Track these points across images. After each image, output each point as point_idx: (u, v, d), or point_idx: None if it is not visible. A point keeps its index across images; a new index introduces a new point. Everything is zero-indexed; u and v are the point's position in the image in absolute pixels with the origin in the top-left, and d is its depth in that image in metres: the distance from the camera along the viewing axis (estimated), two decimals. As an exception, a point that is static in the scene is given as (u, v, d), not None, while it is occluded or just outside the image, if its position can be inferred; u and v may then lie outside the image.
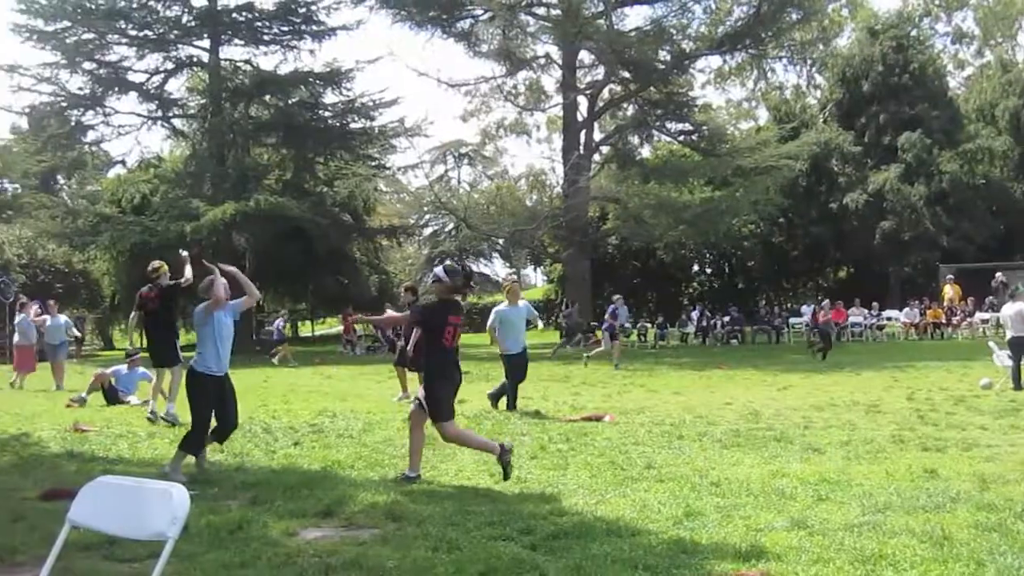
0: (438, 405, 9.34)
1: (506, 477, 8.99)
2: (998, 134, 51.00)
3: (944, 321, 37.64)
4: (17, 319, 23.54)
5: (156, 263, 15.32)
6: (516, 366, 15.53)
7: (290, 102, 44.04)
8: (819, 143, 47.23)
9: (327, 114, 44.76)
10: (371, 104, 43.70)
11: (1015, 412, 13.53)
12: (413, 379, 15.07)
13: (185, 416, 11.68)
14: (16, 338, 23.29)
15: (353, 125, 44.75)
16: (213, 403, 9.81)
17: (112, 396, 17.87)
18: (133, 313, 16.06)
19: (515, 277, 15.79)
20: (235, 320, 10.24)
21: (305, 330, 66.77)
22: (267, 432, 13.02)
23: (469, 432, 9.92)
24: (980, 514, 7.21)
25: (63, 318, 23.91)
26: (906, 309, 40.00)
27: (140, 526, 3.67)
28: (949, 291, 38.27)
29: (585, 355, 26.90)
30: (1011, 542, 6.36)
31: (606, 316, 27.17)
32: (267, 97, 44.18)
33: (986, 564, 5.83)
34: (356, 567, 6.12)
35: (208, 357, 9.84)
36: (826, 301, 31.74)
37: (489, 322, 16.02)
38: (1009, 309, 17.84)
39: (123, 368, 18.69)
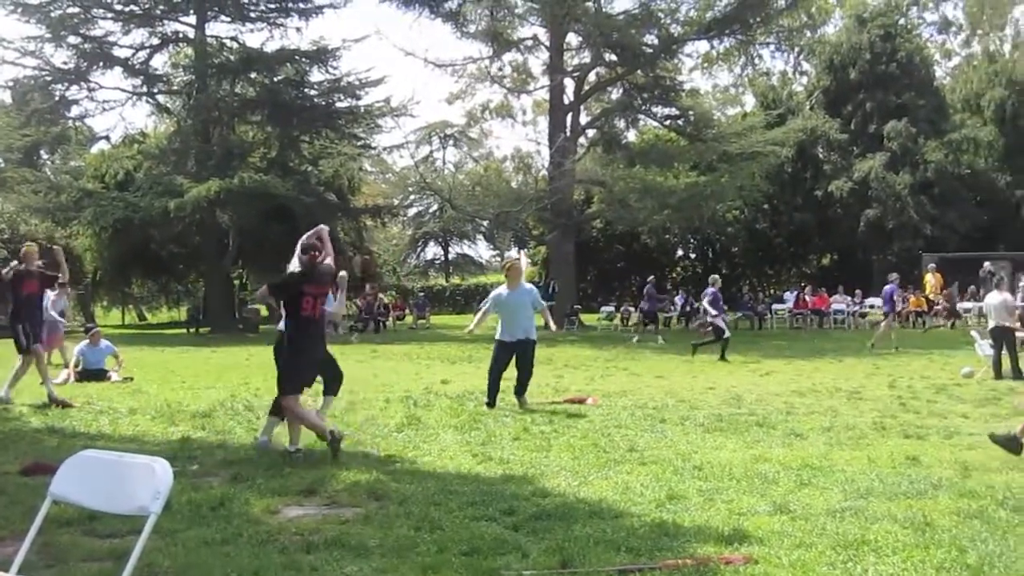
0: (287, 377, 9.44)
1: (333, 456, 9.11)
2: (983, 124, 51.04)
3: (926, 309, 37.72)
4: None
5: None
6: (505, 356, 13.40)
7: (276, 80, 43.79)
8: (805, 130, 47.20)
9: (313, 92, 44.53)
10: (357, 83, 43.52)
11: (996, 401, 13.59)
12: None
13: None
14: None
15: (339, 104, 44.53)
16: None
17: (86, 375, 17.78)
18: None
19: (518, 256, 13.26)
20: None
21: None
22: (249, 410, 12.98)
23: (303, 410, 9.65)
24: (962, 501, 7.24)
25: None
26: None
27: (122, 501, 3.64)
28: (931, 279, 38.32)
29: (870, 343, 25.96)
30: (992, 529, 6.39)
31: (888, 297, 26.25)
32: (253, 74, 43.90)
33: (967, 550, 5.85)
34: (338, 545, 6.12)
35: None
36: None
37: (485, 306, 14.12)
38: (994, 298, 17.89)
39: (85, 344, 18.60)
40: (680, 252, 58.88)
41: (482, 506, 7.18)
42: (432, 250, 79.85)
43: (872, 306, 39.85)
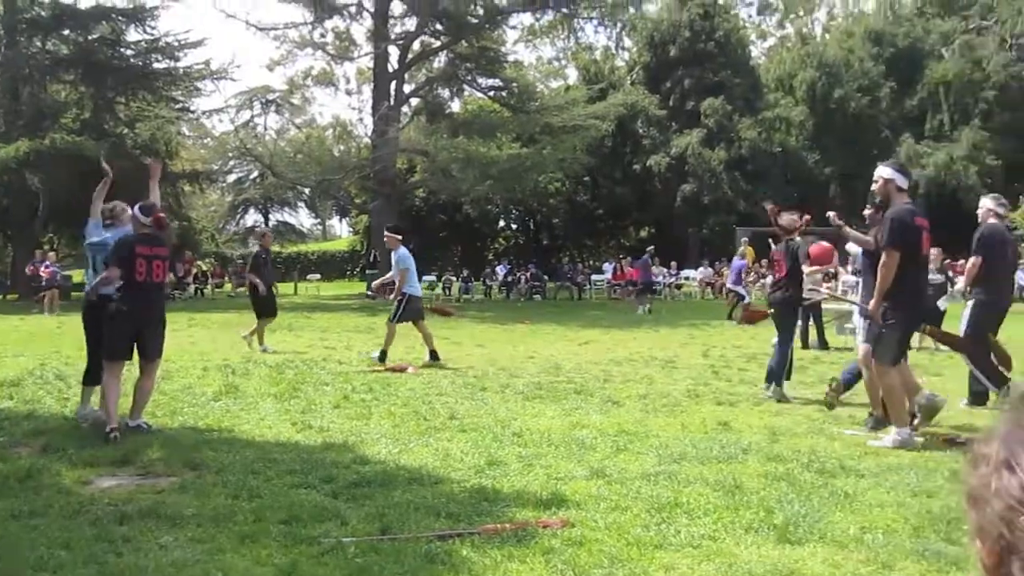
0: (107, 343, 9.05)
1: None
2: (795, 104, 52.92)
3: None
4: None
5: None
6: None
7: (90, 38, 42.25)
8: (626, 105, 47.99)
9: (129, 52, 43.10)
10: (176, 44, 42.34)
11: (802, 369, 14.08)
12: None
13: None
14: None
15: (156, 65, 43.22)
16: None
17: None
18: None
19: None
20: None
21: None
22: (60, 379, 12.59)
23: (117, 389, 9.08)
24: (769, 464, 7.50)
25: None
26: (700, 268, 41.24)
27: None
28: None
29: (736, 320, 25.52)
30: (798, 490, 6.64)
31: None
32: (66, 31, 42.26)
33: (775, 511, 6.07)
34: (153, 515, 5.98)
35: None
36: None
37: None
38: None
39: None
40: (502, 223, 59.32)
41: (301, 474, 7.13)
42: (252, 217, 78.46)
43: (687, 278, 40.97)
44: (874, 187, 8.78)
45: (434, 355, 15.16)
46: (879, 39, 54.56)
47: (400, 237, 15.79)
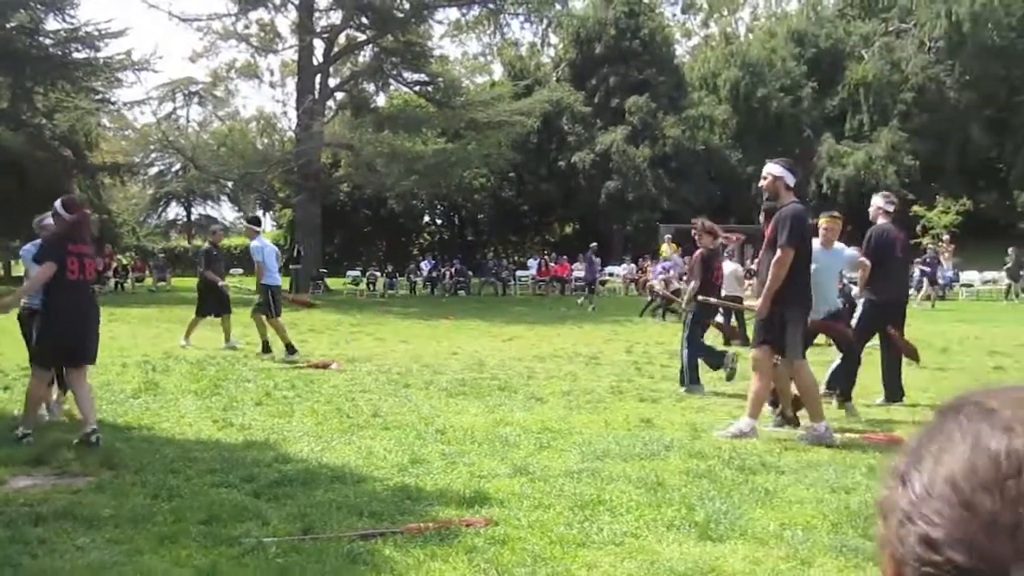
0: (38, 348, 8.51)
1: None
2: (719, 103, 53.45)
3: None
4: None
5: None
6: None
7: (8, 26, 41.36)
8: (551, 101, 48.10)
9: (48, 41, 42.26)
10: (96, 34, 41.60)
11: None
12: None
13: None
14: None
15: (76, 55, 42.43)
16: None
17: None
18: None
19: None
20: None
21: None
22: (-27, 375, 12.33)
23: (43, 395, 8.84)
24: (691, 461, 7.56)
25: None
26: (624, 265, 41.48)
27: None
28: (667, 249, 39.81)
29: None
30: (719, 487, 6.70)
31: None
32: (-20, 20, 41.44)
33: (696, 508, 6.11)
34: (69, 516, 5.88)
35: None
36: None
37: None
38: (725, 269, 18.68)
39: None
40: (427, 218, 59.24)
41: (222, 473, 7.05)
42: (174, 211, 77.55)
43: (611, 274, 41.17)
44: (762, 183, 8.89)
45: (266, 347, 15.51)
46: (801, 40, 55.30)
47: (258, 229, 15.87)
